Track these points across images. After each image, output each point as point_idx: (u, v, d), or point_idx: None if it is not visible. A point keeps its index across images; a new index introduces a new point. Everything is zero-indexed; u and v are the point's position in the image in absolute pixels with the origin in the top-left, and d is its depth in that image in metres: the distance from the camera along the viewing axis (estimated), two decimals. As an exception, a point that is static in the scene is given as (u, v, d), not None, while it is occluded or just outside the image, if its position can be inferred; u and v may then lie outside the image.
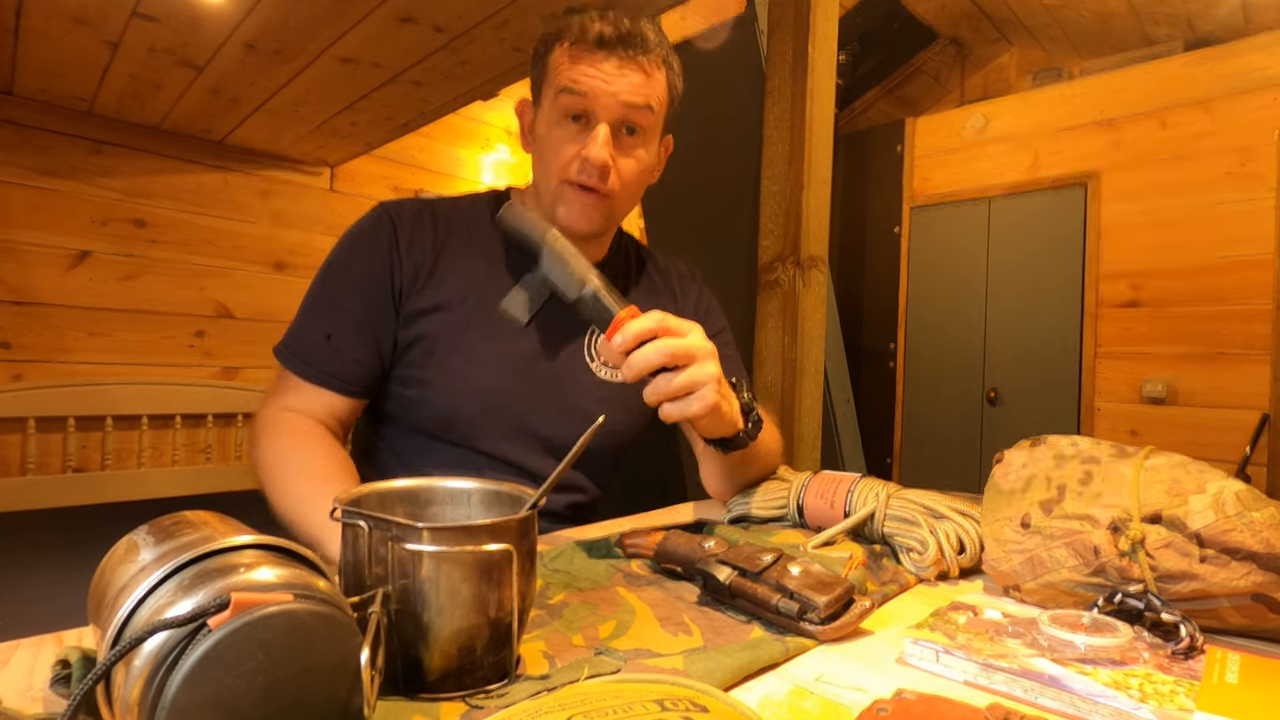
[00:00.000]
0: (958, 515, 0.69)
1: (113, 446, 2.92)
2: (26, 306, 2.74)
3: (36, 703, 0.40)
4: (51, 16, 1.94)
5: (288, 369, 0.82)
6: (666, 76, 0.85)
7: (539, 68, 0.85)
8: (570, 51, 0.80)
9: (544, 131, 0.84)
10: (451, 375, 0.84)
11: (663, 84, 0.84)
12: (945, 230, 3.88)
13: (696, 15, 3.38)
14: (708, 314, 1.03)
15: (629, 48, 0.79)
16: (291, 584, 0.33)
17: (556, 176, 0.83)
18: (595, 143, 0.80)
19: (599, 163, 0.80)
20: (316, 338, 0.83)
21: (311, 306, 0.85)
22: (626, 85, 0.80)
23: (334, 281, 0.85)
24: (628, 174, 0.85)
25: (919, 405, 3.96)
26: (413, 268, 0.85)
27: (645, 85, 0.81)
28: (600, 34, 0.78)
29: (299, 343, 0.83)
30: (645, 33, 0.81)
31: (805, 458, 1.70)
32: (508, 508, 0.51)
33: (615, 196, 0.85)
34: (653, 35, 0.81)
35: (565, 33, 0.81)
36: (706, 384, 0.68)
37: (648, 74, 0.81)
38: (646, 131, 0.84)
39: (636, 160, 0.85)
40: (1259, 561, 0.50)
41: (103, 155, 2.87)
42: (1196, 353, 3.13)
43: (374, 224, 0.87)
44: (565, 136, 0.82)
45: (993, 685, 0.44)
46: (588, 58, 0.80)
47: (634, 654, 0.47)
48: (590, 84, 0.79)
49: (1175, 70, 3.21)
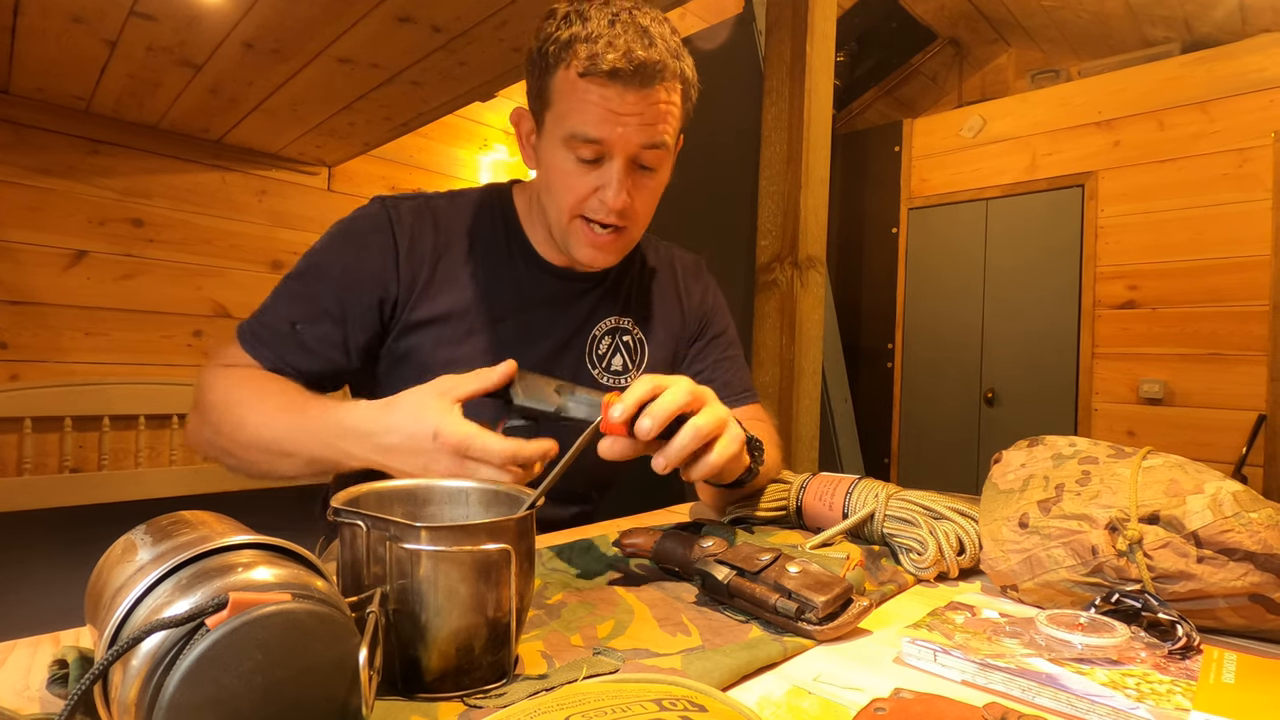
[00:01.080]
0: (957, 515, 0.69)
1: (110, 446, 2.92)
2: (23, 306, 2.74)
3: (34, 703, 0.39)
4: (49, 14, 1.94)
5: (243, 348, 0.79)
6: (683, 90, 0.78)
7: (540, 87, 0.78)
8: (579, 84, 0.72)
9: (551, 160, 0.78)
10: None
11: (678, 105, 0.78)
12: (943, 231, 3.89)
13: (695, 15, 3.38)
14: (713, 313, 1.01)
15: (645, 80, 0.72)
16: (289, 584, 0.33)
17: (570, 212, 0.78)
18: (611, 188, 0.75)
19: (618, 208, 0.76)
20: (282, 324, 0.79)
21: (283, 292, 0.81)
22: (643, 126, 0.74)
23: (315, 272, 0.81)
24: (644, 203, 0.80)
25: (917, 405, 3.96)
26: (411, 275, 0.81)
27: (662, 120, 0.75)
28: (614, 67, 0.70)
29: (262, 327, 0.79)
30: (661, 57, 0.72)
31: (803, 458, 1.70)
32: (506, 508, 0.51)
33: (631, 227, 0.81)
34: (667, 55, 0.73)
35: (569, 55, 0.73)
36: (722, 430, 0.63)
37: (665, 105, 0.75)
38: (661, 162, 0.79)
39: (653, 188, 0.81)
40: (1256, 562, 0.50)
41: (100, 154, 2.86)
42: (1193, 353, 3.14)
43: (371, 223, 0.82)
44: (577, 171, 0.76)
45: (990, 685, 0.44)
46: (598, 94, 0.72)
47: (632, 654, 0.47)
48: (603, 130, 0.73)
49: (1173, 71, 3.22)
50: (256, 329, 0.79)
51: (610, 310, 0.92)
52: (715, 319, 1.01)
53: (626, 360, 0.93)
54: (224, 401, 0.73)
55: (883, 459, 4.05)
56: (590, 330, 0.90)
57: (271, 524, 0.47)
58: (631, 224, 0.80)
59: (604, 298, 0.92)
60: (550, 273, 0.88)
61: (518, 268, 0.87)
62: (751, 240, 1.81)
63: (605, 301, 0.92)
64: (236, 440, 0.71)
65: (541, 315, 0.87)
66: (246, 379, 0.75)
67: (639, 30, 0.72)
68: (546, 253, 0.88)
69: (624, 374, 0.92)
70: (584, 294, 0.90)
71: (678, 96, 0.77)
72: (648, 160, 0.77)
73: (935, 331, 3.90)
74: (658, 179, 0.81)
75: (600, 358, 0.91)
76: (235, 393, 0.73)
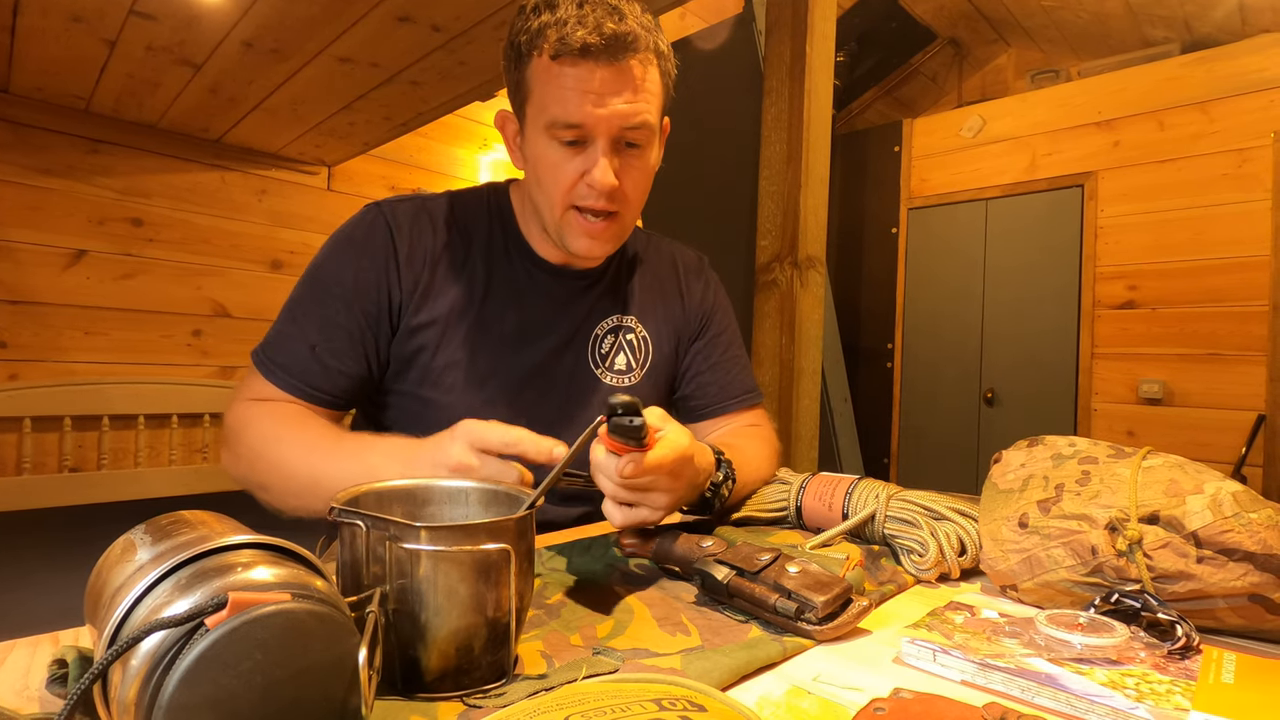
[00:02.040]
0: (958, 516, 0.69)
1: (109, 446, 2.92)
2: (23, 306, 2.73)
3: (33, 703, 0.39)
4: (49, 14, 1.94)
5: (267, 379, 0.77)
6: (660, 66, 0.77)
7: (516, 79, 0.77)
8: (552, 68, 0.72)
9: (537, 152, 0.77)
10: (455, 391, 0.82)
11: (657, 80, 0.76)
12: (943, 231, 3.89)
13: (695, 15, 3.38)
14: (714, 311, 1.00)
15: (617, 54, 0.71)
16: (289, 583, 0.33)
17: (561, 203, 0.78)
18: (598, 169, 0.74)
19: (606, 188, 0.75)
20: (300, 348, 0.77)
21: (295, 313, 0.79)
22: (621, 105, 0.72)
23: (322, 288, 0.80)
24: (634, 185, 0.79)
25: (916, 405, 3.96)
26: (412, 280, 0.81)
27: (640, 98, 0.74)
28: (585, 44, 0.69)
29: (280, 352, 0.78)
30: (631, 27, 0.71)
31: (803, 457, 1.71)
32: (505, 507, 0.51)
33: (624, 212, 0.80)
34: (637, 25, 0.72)
35: (542, 40, 0.72)
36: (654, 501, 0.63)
37: (641, 80, 0.74)
38: (647, 140, 0.78)
39: (641, 169, 0.79)
40: (1256, 562, 0.50)
41: (100, 154, 2.86)
42: (1193, 353, 3.14)
43: (368, 230, 0.81)
44: (562, 159, 0.76)
45: (989, 684, 0.44)
46: (573, 74, 0.71)
47: (632, 653, 0.47)
48: (582, 112, 0.72)
49: (1173, 71, 3.22)
50: (275, 357, 0.78)
51: (612, 308, 0.92)
52: (716, 317, 1.00)
53: (630, 359, 0.92)
54: (260, 440, 0.74)
55: (882, 459, 4.05)
56: (592, 329, 0.90)
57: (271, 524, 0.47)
58: (623, 208, 0.80)
59: (604, 295, 0.91)
60: (547, 271, 0.88)
61: (516, 267, 0.86)
62: (751, 240, 1.82)
63: (606, 299, 0.91)
64: (272, 479, 0.72)
65: (541, 314, 0.87)
66: (278, 419, 0.75)
67: (608, 8, 0.71)
68: (543, 251, 0.88)
69: (628, 373, 0.92)
70: (583, 292, 0.90)
71: (655, 71, 0.76)
72: (632, 138, 0.76)
73: (935, 331, 3.90)
74: (645, 160, 0.79)
75: (603, 357, 0.90)
76: (269, 432, 0.74)
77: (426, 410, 0.82)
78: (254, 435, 0.74)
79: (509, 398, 0.84)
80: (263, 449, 0.73)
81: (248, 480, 0.75)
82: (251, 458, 0.74)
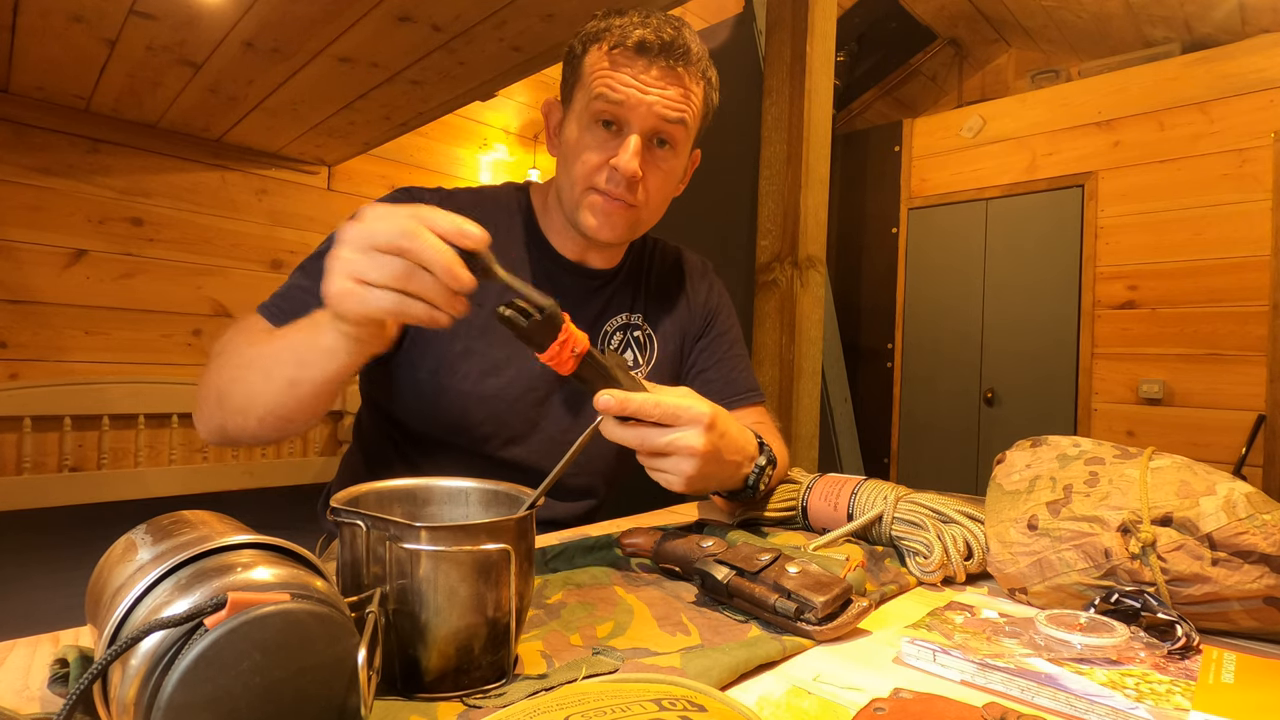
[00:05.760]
0: (966, 519, 0.68)
1: (109, 446, 2.92)
2: (23, 305, 2.73)
3: (33, 702, 0.39)
4: (49, 13, 1.94)
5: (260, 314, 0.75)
6: (704, 91, 0.82)
7: (573, 67, 0.82)
8: (609, 55, 0.78)
9: (573, 135, 0.81)
10: (465, 382, 0.83)
11: (699, 98, 0.82)
12: (943, 231, 3.89)
13: (695, 15, 3.38)
14: (717, 311, 1.02)
15: (671, 57, 0.77)
16: (288, 584, 0.33)
17: (582, 183, 0.81)
18: (626, 152, 0.77)
19: (629, 173, 0.78)
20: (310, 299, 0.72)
21: (309, 268, 0.77)
22: (663, 97, 0.77)
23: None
24: (656, 187, 0.83)
25: (916, 405, 3.96)
26: None
27: (682, 99, 0.79)
28: (642, 40, 0.76)
29: (286, 300, 0.76)
30: (688, 43, 0.78)
31: (803, 457, 1.71)
32: (505, 507, 0.51)
33: (642, 208, 0.83)
34: (695, 47, 0.79)
35: (605, 35, 0.78)
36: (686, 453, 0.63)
37: (686, 87, 0.79)
38: (678, 144, 0.82)
39: (665, 173, 0.83)
40: (1271, 564, 0.49)
41: (100, 154, 2.86)
42: (1193, 354, 3.14)
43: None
44: (595, 142, 0.79)
45: (989, 684, 0.44)
46: (626, 64, 0.77)
47: (632, 653, 0.47)
48: (626, 92, 0.76)
49: (1173, 72, 3.22)
50: (280, 302, 0.76)
51: (622, 307, 0.95)
52: (720, 317, 1.03)
53: (636, 355, 0.95)
54: (220, 345, 0.71)
55: (883, 459, 4.05)
56: (603, 326, 0.93)
57: (271, 524, 0.47)
58: (641, 204, 0.82)
59: (617, 294, 0.94)
60: (565, 268, 0.90)
61: (536, 262, 0.89)
62: (751, 240, 1.82)
63: (618, 298, 0.94)
64: (224, 378, 0.67)
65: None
66: (244, 326, 0.72)
67: (673, 24, 0.78)
68: (562, 248, 0.90)
69: (634, 369, 0.93)
70: (598, 290, 0.93)
71: (700, 91, 0.81)
72: (666, 133, 0.80)
73: (935, 331, 3.90)
74: (672, 163, 0.83)
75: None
76: (230, 336, 0.71)
77: (441, 398, 0.83)
78: (217, 347, 0.71)
79: (520, 391, 0.85)
80: (220, 350, 0.70)
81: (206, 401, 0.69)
82: (214, 368, 0.69)
